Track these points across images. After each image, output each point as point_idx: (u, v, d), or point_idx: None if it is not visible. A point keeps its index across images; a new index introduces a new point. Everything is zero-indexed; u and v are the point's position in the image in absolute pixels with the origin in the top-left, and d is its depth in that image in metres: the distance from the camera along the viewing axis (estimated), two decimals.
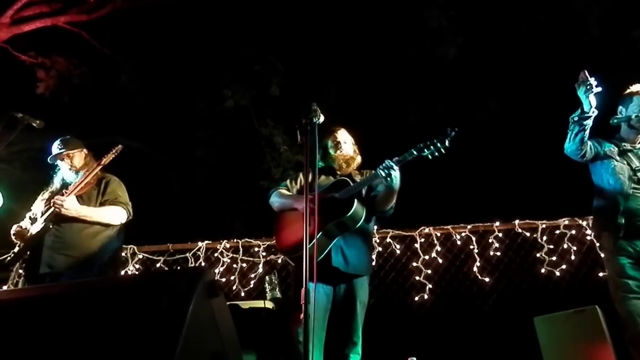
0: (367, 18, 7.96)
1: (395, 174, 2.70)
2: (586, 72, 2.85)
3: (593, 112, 2.88)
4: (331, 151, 3.04)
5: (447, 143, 2.67)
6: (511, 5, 7.57)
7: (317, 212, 2.38)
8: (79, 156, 3.30)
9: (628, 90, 3.13)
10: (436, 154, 2.69)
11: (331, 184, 2.85)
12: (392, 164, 2.69)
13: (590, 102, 2.85)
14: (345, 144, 3.10)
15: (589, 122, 2.90)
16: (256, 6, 8.04)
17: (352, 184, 2.82)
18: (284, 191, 3.05)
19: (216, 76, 8.64)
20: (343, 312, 2.73)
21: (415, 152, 2.71)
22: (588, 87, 2.81)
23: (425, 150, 2.69)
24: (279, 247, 2.91)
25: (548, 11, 7.52)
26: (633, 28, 7.14)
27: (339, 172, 3.00)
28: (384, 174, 2.67)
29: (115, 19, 7.92)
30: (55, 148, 3.28)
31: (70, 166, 3.26)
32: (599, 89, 2.82)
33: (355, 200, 2.71)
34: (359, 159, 3.14)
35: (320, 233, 2.59)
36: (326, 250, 2.66)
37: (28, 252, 3.10)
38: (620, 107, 3.13)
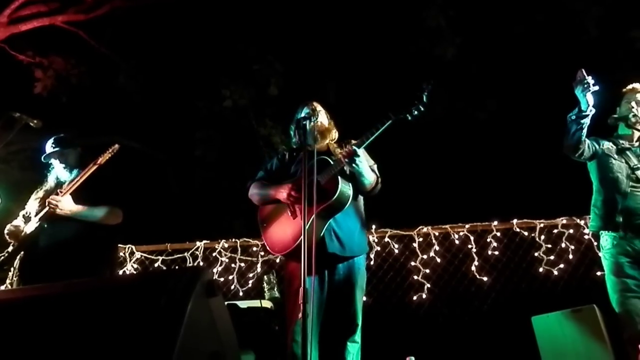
0: (365, 18, 7.96)
1: (360, 159, 2.55)
2: (583, 71, 2.85)
3: (590, 110, 2.88)
4: (305, 122, 2.65)
5: (425, 99, 2.54)
6: (510, 5, 7.58)
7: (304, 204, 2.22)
8: (73, 155, 3.27)
9: (623, 90, 3.16)
10: (415, 112, 2.54)
11: (310, 165, 2.42)
12: (355, 149, 2.53)
13: (587, 101, 2.85)
14: (320, 113, 2.91)
15: (586, 121, 2.91)
16: (255, 6, 8.04)
17: (331, 162, 2.64)
18: (262, 182, 2.90)
19: (215, 76, 8.63)
20: (341, 299, 2.62)
21: (392, 117, 2.55)
22: (585, 86, 2.82)
23: (404, 112, 2.55)
24: (269, 248, 2.73)
25: (546, 11, 7.53)
26: (631, 28, 7.15)
27: (312, 147, 2.57)
28: (350, 163, 2.54)
29: (113, 18, 7.91)
30: (49, 146, 3.25)
31: (65, 165, 3.24)
32: (596, 88, 2.82)
33: (340, 180, 2.56)
34: (335, 132, 2.96)
35: (310, 222, 2.38)
36: (319, 237, 2.53)
37: (22, 252, 3.08)
38: (618, 107, 3.17)
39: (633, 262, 2.88)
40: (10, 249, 3.06)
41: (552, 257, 4.57)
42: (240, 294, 4.70)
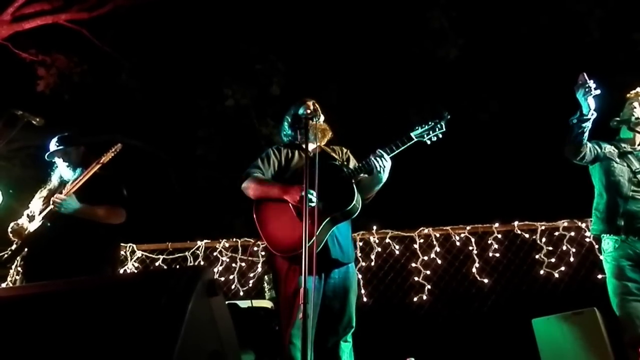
0: (368, 18, 7.96)
1: (388, 165, 2.60)
2: (585, 74, 2.83)
3: (592, 114, 2.86)
4: (307, 121, 2.66)
5: (444, 126, 2.63)
6: (513, 7, 7.57)
7: (317, 210, 2.28)
8: (76, 153, 3.28)
9: (627, 95, 3.15)
10: (434, 139, 2.63)
11: (320, 169, 2.38)
12: (384, 154, 2.58)
13: (589, 105, 2.83)
14: (320, 113, 2.91)
15: (587, 125, 2.89)
16: (257, 5, 8.04)
17: (344, 168, 2.65)
18: (261, 176, 2.82)
19: (217, 75, 8.64)
20: (339, 303, 2.63)
21: (414, 137, 2.63)
22: (587, 89, 2.80)
23: (425, 135, 2.63)
24: (272, 247, 2.68)
25: (549, 13, 7.53)
26: (634, 30, 7.15)
27: (317, 148, 2.67)
28: (378, 166, 2.58)
29: (116, 17, 7.93)
30: (53, 145, 3.26)
31: (68, 164, 3.25)
32: (598, 92, 2.80)
33: (356, 191, 2.59)
34: (330, 133, 2.95)
35: (321, 228, 2.46)
36: (323, 242, 2.54)
37: (26, 250, 3.09)
38: (621, 111, 3.16)
39: (634, 265, 2.88)
40: (13, 247, 3.07)
41: (553, 260, 4.56)
42: (241, 293, 4.71)
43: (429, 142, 2.65)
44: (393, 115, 8.47)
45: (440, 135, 2.65)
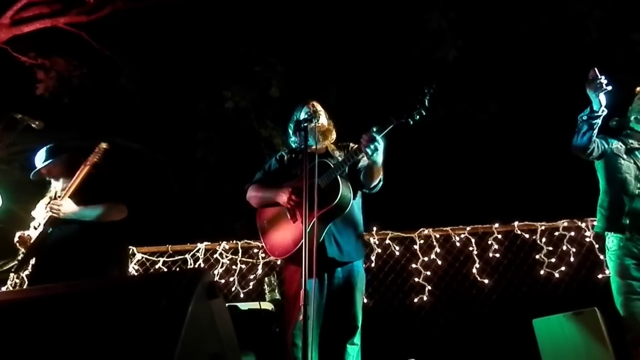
0: (367, 20, 7.97)
1: (380, 147, 2.46)
2: (596, 70, 2.75)
3: (603, 111, 2.79)
4: (306, 124, 2.62)
5: (426, 103, 2.44)
6: (511, 8, 7.59)
7: (305, 209, 2.22)
8: (60, 163, 3.19)
9: (638, 88, 3.11)
10: (417, 117, 2.46)
11: (310, 168, 2.39)
12: (376, 136, 2.43)
13: (600, 101, 2.76)
14: (321, 114, 2.91)
15: (598, 121, 2.81)
16: (256, 7, 8.06)
17: (331, 165, 2.62)
18: (259, 184, 2.91)
19: (216, 77, 8.66)
20: (342, 302, 2.61)
21: (394, 121, 2.48)
22: (598, 85, 2.72)
23: (406, 117, 2.46)
24: (269, 251, 2.74)
25: (548, 13, 7.55)
26: (632, 30, 7.16)
27: (312, 149, 2.61)
28: (369, 151, 2.43)
29: (115, 20, 7.94)
30: (37, 162, 3.18)
31: (55, 177, 3.20)
32: (610, 88, 2.72)
33: (341, 183, 2.53)
34: (334, 132, 2.96)
35: (311, 226, 2.36)
36: (319, 241, 2.51)
37: (34, 258, 3.08)
38: (630, 107, 3.12)
39: (639, 264, 2.84)
40: (20, 256, 3.05)
41: (553, 260, 4.55)
42: (241, 295, 4.70)
43: (411, 122, 2.48)
44: (392, 116, 8.45)
45: (424, 112, 2.47)
